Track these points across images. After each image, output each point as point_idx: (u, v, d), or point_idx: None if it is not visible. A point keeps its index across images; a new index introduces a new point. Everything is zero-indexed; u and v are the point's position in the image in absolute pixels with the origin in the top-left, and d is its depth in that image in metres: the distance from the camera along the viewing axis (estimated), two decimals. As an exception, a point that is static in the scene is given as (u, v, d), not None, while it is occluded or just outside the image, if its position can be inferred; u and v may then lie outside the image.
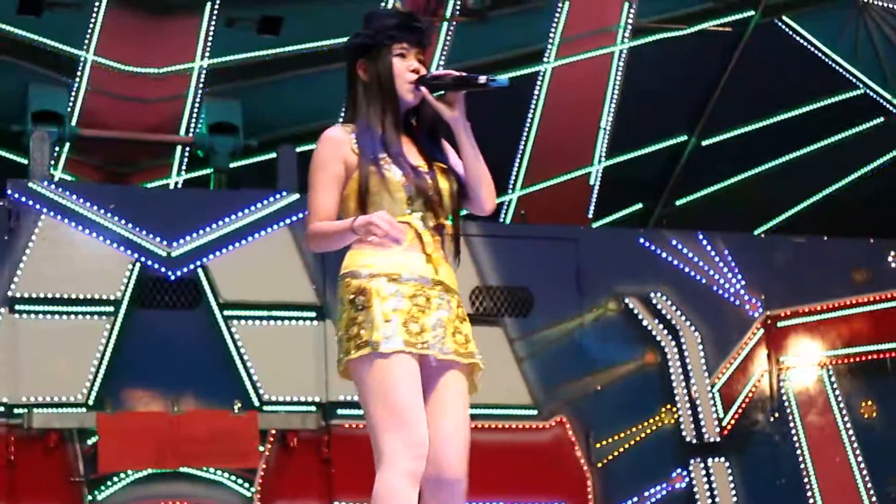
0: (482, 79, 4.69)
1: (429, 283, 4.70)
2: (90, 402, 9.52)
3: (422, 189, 4.72)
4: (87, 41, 10.97)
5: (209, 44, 11.21)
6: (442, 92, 4.75)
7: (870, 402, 11.32)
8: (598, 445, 10.51)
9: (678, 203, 12.86)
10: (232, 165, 11.22)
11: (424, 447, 4.56)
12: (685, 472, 10.73)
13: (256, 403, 9.79)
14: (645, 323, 10.83)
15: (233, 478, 9.70)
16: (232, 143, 11.17)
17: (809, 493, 10.99)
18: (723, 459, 10.81)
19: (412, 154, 4.80)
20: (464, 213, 4.89)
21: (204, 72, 11.29)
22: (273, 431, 9.81)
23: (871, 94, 12.83)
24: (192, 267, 9.90)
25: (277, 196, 10.17)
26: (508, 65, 11.82)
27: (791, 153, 12.94)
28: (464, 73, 4.76)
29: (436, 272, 4.72)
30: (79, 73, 11.05)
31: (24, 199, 9.65)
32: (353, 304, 4.66)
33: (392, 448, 4.54)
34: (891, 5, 12.46)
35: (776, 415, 11.03)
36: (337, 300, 4.73)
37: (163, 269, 9.84)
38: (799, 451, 11.03)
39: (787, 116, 12.78)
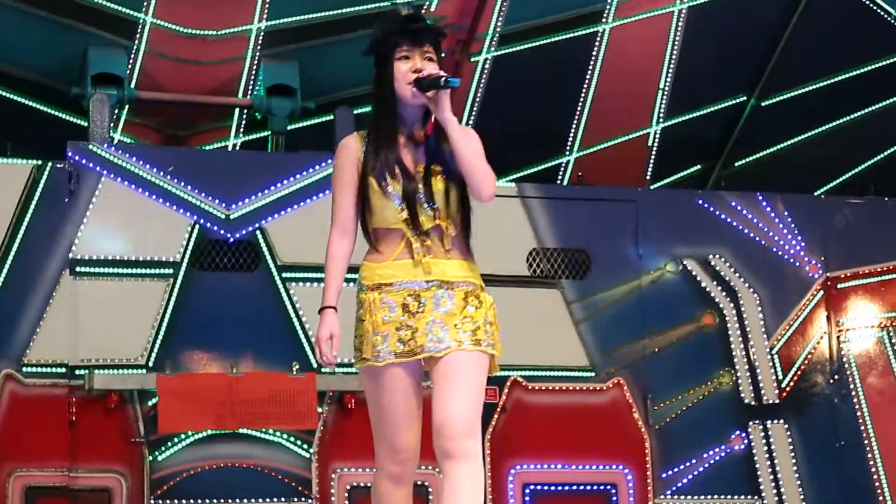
0: (442, 80, 4.89)
1: (422, 286, 4.95)
2: (150, 364, 9.59)
3: (410, 195, 4.94)
4: (146, 4, 10.99)
5: (267, 5, 11.21)
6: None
7: (930, 365, 11.24)
8: (656, 408, 10.49)
9: (737, 164, 12.77)
10: (290, 128, 11.22)
11: (404, 453, 5.00)
12: (744, 434, 10.69)
13: (315, 365, 9.82)
14: (703, 284, 10.77)
15: (291, 439, 9.75)
16: (290, 106, 11.14)
17: (869, 455, 10.93)
18: (782, 421, 10.76)
19: (414, 158, 4.97)
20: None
21: (262, 33, 11.29)
22: (331, 393, 9.85)
23: (935, 53, 12.69)
24: (250, 229, 9.93)
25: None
26: (566, 26, 11.74)
27: (852, 113, 12.81)
28: (442, 74, 4.93)
29: (429, 273, 4.93)
30: (138, 36, 11.08)
31: (84, 161, 9.71)
32: (357, 316, 5.16)
33: (379, 454, 5.05)
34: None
35: (836, 377, 10.97)
36: None
37: (221, 232, 9.88)
38: (858, 414, 10.97)
39: (848, 76, 12.64)
